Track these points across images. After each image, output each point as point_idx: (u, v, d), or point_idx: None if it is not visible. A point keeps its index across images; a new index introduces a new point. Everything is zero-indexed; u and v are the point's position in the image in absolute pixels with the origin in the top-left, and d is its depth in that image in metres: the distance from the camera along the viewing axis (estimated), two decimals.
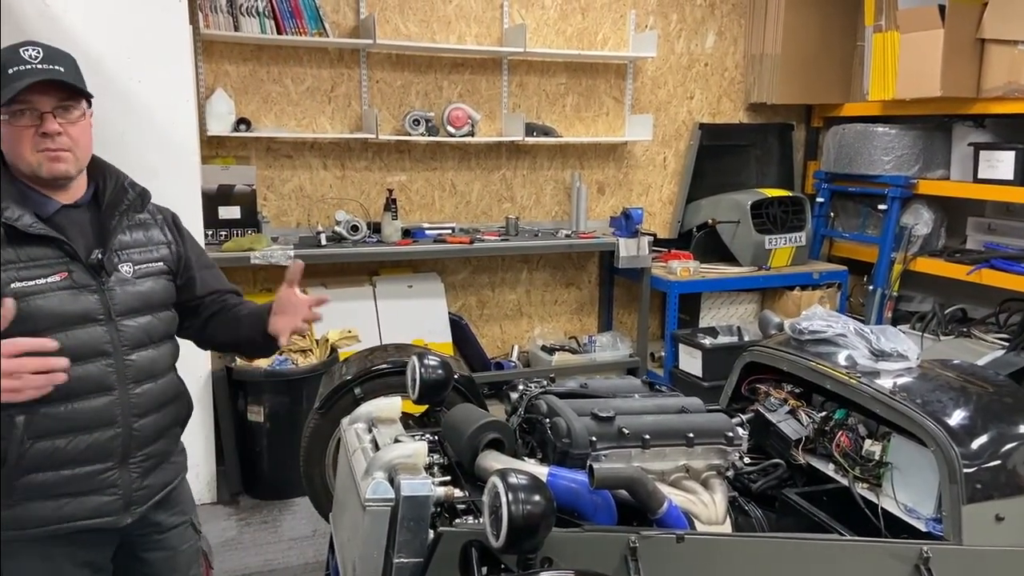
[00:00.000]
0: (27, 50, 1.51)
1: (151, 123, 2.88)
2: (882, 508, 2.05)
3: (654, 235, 4.67)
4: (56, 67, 1.51)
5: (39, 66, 1.49)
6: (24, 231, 1.51)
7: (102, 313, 1.59)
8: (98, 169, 1.68)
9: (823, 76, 4.95)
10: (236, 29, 3.84)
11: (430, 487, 1.62)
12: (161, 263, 1.73)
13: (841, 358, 2.29)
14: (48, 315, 1.52)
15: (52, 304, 1.53)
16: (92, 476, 1.59)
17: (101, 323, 1.59)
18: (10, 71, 1.48)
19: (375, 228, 4.15)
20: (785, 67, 4.85)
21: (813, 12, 4.83)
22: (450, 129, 4.32)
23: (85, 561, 1.64)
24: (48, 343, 1.33)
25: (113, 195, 1.66)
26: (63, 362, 1.31)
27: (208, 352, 3.18)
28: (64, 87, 1.53)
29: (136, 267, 1.67)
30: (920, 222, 4.60)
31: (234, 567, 2.99)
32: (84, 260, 1.58)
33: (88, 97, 1.58)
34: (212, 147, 3.98)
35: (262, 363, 3.44)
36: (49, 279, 1.53)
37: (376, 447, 1.84)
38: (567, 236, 4.49)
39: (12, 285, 1.49)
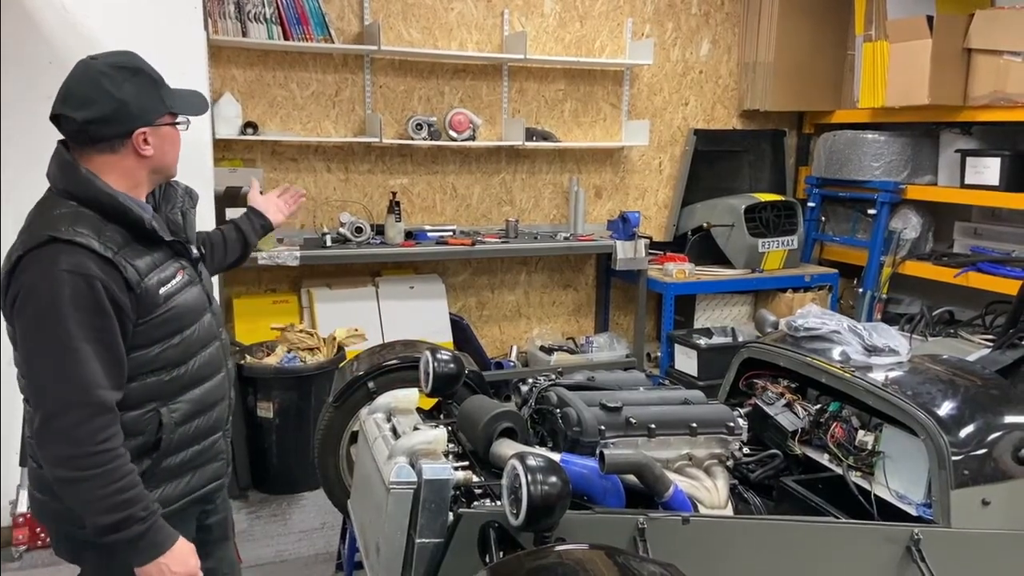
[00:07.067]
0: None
1: None
2: (874, 495, 2.15)
3: (650, 238, 4.77)
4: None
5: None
6: (162, 238, 1.59)
7: (207, 301, 1.72)
8: None
9: (815, 84, 5.07)
10: (244, 35, 3.91)
11: (450, 471, 1.71)
12: (201, 246, 1.87)
13: (835, 353, 2.39)
14: (188, 311, 1.62)
15: (187, 300, 1.63)
16: (211, 446, 1.73)
17: (208, 309, 1.72)
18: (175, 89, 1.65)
19: (378, 230, 4.24)
20: (778, 75, 4.97)
21: (805, 22, 4.95)
22: (452, 133, 4.41)
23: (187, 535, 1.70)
24: None
25: (165, 192, 1.75)
26: None
27: None
28: None
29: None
30: (908, 226, 4.73)
31: (247, 558, 3.06)
32: (189, 256, 1.69)
33: None
34: (220, 150, 4.05)
35: (271, 360, 3.52)
36: (177, 278, 1.61)
37: (395, 435, 1.93)
38: (565, 239, 4.59)
39: (160, 290, 1.56)
